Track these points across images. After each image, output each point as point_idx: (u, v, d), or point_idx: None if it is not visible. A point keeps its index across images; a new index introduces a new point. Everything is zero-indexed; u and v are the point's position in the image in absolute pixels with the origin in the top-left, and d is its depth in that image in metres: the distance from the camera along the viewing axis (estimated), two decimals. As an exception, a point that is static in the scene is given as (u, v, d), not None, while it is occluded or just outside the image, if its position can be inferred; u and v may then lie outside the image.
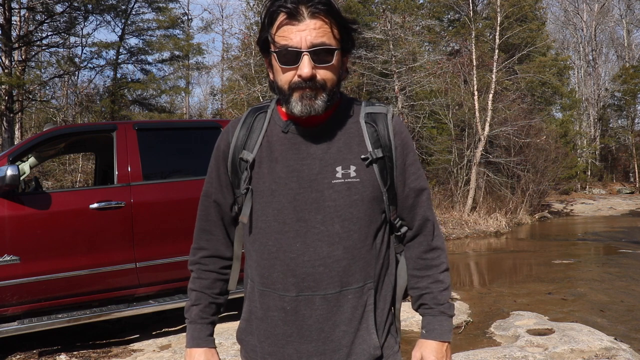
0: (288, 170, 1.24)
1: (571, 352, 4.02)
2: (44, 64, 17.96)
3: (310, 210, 1.21)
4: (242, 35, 20.56)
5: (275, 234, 1.23)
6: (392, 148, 1.27)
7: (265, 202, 1.25)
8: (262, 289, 1.26)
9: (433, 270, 1.33)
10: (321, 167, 1.23)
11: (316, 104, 1.19)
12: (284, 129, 1.27)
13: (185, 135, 5.16)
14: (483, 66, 19.99)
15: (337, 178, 1.22)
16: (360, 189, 1.23)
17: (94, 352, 4.38)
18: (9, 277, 4.03)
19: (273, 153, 1.27)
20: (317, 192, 1.22)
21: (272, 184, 1.24)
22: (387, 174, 1.26)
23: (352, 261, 1.22)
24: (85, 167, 16.91)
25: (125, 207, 4.43)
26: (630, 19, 38.74)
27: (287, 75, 1.20)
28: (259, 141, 1.29)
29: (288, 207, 1.22)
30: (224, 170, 1.33)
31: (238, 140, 1.31)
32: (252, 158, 1.27)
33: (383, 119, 1.29)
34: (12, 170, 3.93)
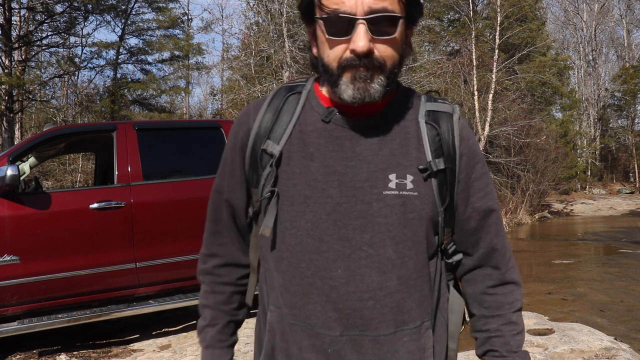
0: (327, 171, 0.97)
1: (571, 352, 4.02)
2: (44, 64, 17.96)
3: (356, 227, 0.95)
4: (242, 35, 20.56)
5: (310, 253, 0.96)
6: (456, 158, 1.01)
7: (296, 211, 0.97)
8: (292, 322, 0.99)
9: (505, 309, 1.05)
10: (370, 173, 0.96)
11: (372, 87, 0.93)
12: (324, 118, 1.00)
13: (185, 135, 5.16)
14: (483, 66, 20.00)
15: (389, 189, 0.96)
16: (419, 205, 0.97)
17: (94, 352, 4.38)
18: (9, 277, 4.03)
19: (307, 147, 0.99)
20: (363, 204, 0.95)
21: (305, 188, 0.97)
22: (447, 189, 1.01)
23: (407, 294, 0.96)
24: (85, 167, 16.91)
25: (125, 207, 4.43)
26: (630, 19, 38.74)
27: (336, 49, 0.93)
28: (288, 130, 1.01)
29: (326, 220, 0.96)
30: (240, 163, 1.06)
31: (262, 127, 1.02)
32: (278, 151, 0.99)
33: (447, 120, 1.02)
34: (12, 170, 3.93)
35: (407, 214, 0.96)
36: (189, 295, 4.63)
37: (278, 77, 16.82)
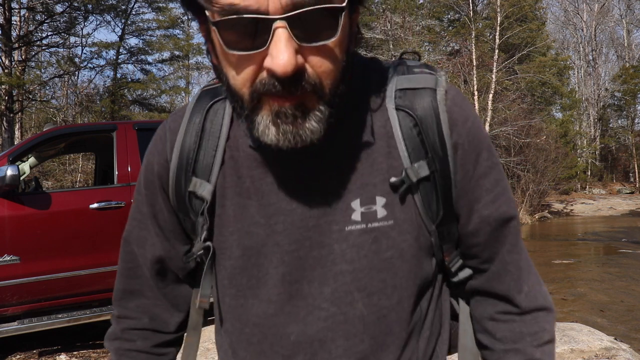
0: (268, 212, 0.72)
1: (571, 352, 4.02)
2: (44, 64, 17.98)
3: (312, 280, 0.71)
4: (242, 35, 20.59)
5: (255, 317, 0.74)
6: (448, 153, 0.71)
7: (233, 267, 0.75)
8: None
9: (524, 342, 0.77)
10: (324, 204, 0.71)
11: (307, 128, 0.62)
12: (252, 143, 0.72)
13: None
14: (483, 66, 20.01)
15: (353, 222, 0.70)
16: (397, 238, 0.71)
17: (94, 352, 4.38)
18: (9, 277, 4.03)
19: (242, 180, 0.73)
20: (320, 249, 0.71)
21: (244, 237, 0.73)
22: (438, 200, 0.73)
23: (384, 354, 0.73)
24: (85, 167, 16.92)
25: (125, 207, 4.43)
26: (630, 19, 38.76)
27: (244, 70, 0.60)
28: (218, 158, 0.74)
29: (273, 275, 0.72)
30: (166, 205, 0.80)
31: (181, 157, 0.75)
32: (210, 192, 0.74)
33: (429, 99, 0.71)
34: (12, 170, 3.93)
35: (382, 254, 0.71)
36: (189, 295, 4.63)
37: (278, 77, 16.81)
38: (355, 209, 0.71)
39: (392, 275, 0.72)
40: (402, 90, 0.72)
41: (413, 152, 0.71)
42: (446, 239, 0.76)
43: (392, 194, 0.71)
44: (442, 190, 0.73)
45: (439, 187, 0.72)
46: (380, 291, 0.72)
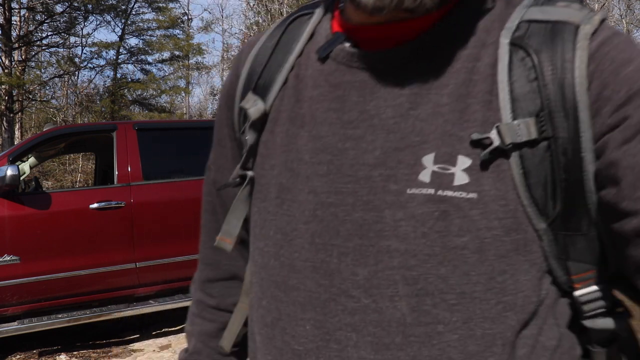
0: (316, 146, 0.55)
1: (571, 352, 4.03)
2: (44, 64, 17.97)
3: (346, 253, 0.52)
4: (242, 35, 20.59)
5: (274, 287, 0.57)
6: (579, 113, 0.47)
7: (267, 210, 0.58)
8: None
9: None
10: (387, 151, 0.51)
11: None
12: (319, 53, 0.58)
13: (185, 135, 5.16)
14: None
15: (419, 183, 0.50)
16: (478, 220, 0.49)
17: (94, 352, 4.38)
18: (9, 277, 4.03)
19: (300, 103, 0.58)
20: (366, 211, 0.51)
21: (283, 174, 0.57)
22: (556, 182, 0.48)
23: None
24: (85, 167, 16.93)
25: (125, 207, 4.43)
26: (630, 19, 38.79)
27: None
28: (282, 75, 0.60)
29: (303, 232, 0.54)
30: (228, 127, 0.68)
31: (251, 70, 0.63)
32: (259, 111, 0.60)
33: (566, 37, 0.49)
34: (12, 170, 3.93)
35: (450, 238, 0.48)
36: (189, 295, 4.61)
37: (278, 77, 16.81)
38: (425, 166, 0.50)
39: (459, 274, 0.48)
40: (528, 22, 0.50)
41: (520, 104, 0.48)
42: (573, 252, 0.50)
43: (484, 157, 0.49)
44: (565, 169, 0.48)
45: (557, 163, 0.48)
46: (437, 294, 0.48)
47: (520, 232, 0.49)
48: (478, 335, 0.49)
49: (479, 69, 0.51)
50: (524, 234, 0.49)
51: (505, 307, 0.49)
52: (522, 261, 0.50)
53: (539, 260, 0.50)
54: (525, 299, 0.50)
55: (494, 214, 0.49)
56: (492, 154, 0.49)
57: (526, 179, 0.49)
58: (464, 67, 0.52)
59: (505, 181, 0.49)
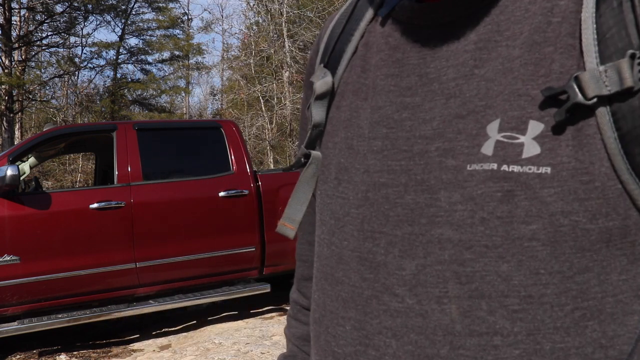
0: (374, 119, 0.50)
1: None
2: (44, 64, 17.98)
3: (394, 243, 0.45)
4: (242, 35, 20.59)
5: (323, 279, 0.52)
6: None
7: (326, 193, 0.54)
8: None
9: None
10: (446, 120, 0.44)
11: None
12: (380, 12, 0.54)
13: (185, 135, 5.16)
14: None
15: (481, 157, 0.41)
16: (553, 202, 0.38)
17: (94, 352, 4.39)
18: (9, 277, 4.03)
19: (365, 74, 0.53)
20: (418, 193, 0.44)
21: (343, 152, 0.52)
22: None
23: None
24: (85, 167, 16.93)
25: (125, 207, 4.43)
26: (630, 19, 38.85)
27: None
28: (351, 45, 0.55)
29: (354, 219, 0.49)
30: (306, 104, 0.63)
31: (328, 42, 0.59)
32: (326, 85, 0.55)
33: None
34: (12, 170, 3.93)
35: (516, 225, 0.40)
36: (189, 295, 4.63)
37: (278, 77, 16.83)
38: (490, 136, 0.41)
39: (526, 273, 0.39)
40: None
41: (609, 44, 0.38)
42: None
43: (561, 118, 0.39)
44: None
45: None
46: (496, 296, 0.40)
47: (614, 217, 0.38)
48: (546, 350, 0.39)
49: (560, 7, 0.41)
50: (620, 219, 0.38)
51: (585, 315, 0.39)
52: (616, 256, 0.39)
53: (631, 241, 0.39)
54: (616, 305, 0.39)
55: (574, 194, 0.38)
56: (571, 113, 0.38)
57: (623, 144, 0.37)
58: (541, 7, 0.42)
59: (590, 149, 0.38)
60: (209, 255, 4.68)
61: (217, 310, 5.45)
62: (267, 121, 17.00)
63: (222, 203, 4.74)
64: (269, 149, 17.45)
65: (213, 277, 4.77)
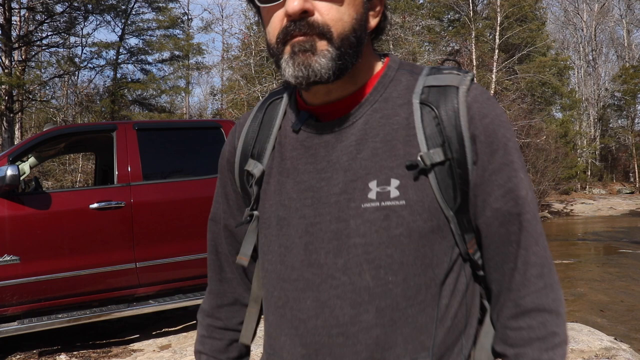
0: (300, 188, 0.84)
1: (571, 352, 4.02)
2: (44, 64, 17.98)
3: (329, 251, 0.80)
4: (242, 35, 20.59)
5: (282, 281, 0.84)
6: (465, 143, 0.77)
7: (271, 234, 0.87)
8: (268, 352, 0.89)
9: (533, 347, 0.77)
10: (346, 183, 0.80)
11: (316, 62, 0.75)
12: (294, 127, 0.86)
13: (185, 135, 5.16)
14: (483, 66, 20.02)
15: (369, 200, 0.78)
16: (407, 217, 0.77)
17: (94, 352, 4.39)
18: (9, 277, 4.03)
19: (284, 162, 0.87)
20: (338, 223, 0.79)
21: (279, 209, 0.85)
22: (456, 187, 0.78)
23: (390, 329, 0.77)
24: (85, 167, 16.93)
25: (125, 207, 4.43)
26: (630, 19, 38.76)
27: (274, 22, 0.78)
28: (270, 144, 0.89)
29: (298, 243, 0.83)
30: (232, 185, 0.95)
31: (245, 144, 0.91)
32: (260, 170, 0.88)
33: (452, 95, 0.79)
34: (12, 170, 3.93)
35: (391, 230, 0.77)
36: (189, 295, 4.64)
37: (278, 77, 16.82)
38: (372, 189, 0.79)
39: (399, 252, 0.78)
40: (428, 87, 0.81)
41: (430, 140, 0.78)
42: (467, 228, 0.81)
43: (407, 177, 0.78)
44: (459, 177, 0.78)
45: (455, 174, 0.78)
46: (387, 266, 0.78)
47: (435, 219, 0.78)
48: (412, 285, 0.78)
49: (398, 121, 0.81)
50: (437, 220, 0.78)
51: (427, 267, 0.79)
52: (436, 237, 0.79)
53: (449, 236, 0.80)
54: (439, 260, 0.80)
55: (417, 212, 0.78)
56: (417, 172, 0.78)
57: (439, 185, 0.78)
58: (388, 122, 0.81)
59: (423, 189, 0.78)
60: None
61: (217, 310, 5.44)
62: (267, 121, 16.98)
63: (222, 203, 4.74)
64: (269, 149, 17.41)
65: (213, 277, 4.77)
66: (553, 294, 0.81)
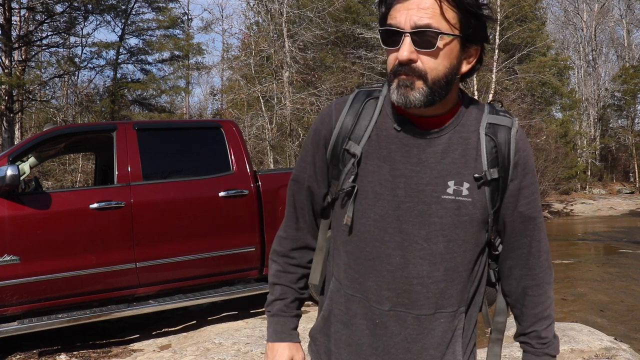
0: (396, 174, 1.12)
1: (571, 352, 4.02)
2: (44, 64, 17.97)
3: (415, 224, 1.11)
4: (242, 35, 20.58)
5: (375, 241, 1.14)
6: (510, 167, 1.13)
7: (368, 204, 1.14)
8: (351, 293, 1.18)
9: (539, 308, 1.20)
10: (432, 178, 1.11)
11: (412, 95, 1.05)
12: (396, 127, 1.14)
13: (185, 135, 5.16)
14: (483, 66, 20.00)
15: (447, 193, 1.11)
16: (471, 210, 1.11)
17: (94, 352, 4.38)
18: (9, 277, 4.03)
19: (382, 150, 1.14)
20: (423, 205, 1.11)
21: (377, 186, 1.13)
22: (498, 195, 1.14)
23: (450, 284, 1.13)
24: (85, 167, 16.92)
25: (125, 207, 4.43)
26: (630, 19, 38.74)
27: (391, 57, 1.08)
28: (367, 133, 1.16)
29: (392, 215, 1.12)
30: (322, 158, 1.22)
31: (343, 128, 1.17)
32: (359, 152, 1.15)
33: (506, 132, 1.14)
34: (12, 170, 3.93)
35: (461, 217, 1.11)
36: (189, 295, 4.63)
37: (278, 77, 16.81)
38: (450, 186, 1.11)
39: (464, 232, 1.12)
40: (490, 124, 1.15)
41: (490, 162, 1.13)
42: (495, 221, 1.17)
43: (474, 183, 1.12)
44: (502, 188, 1.15)
45: (500, 186, 1.14)
46: (454, 240, 1.12)
47: (485, 213, 1.14)
48: (467, 256, 1.14)
49: (470, 143, 1.14)
50: (485, 215, 1.14)
51: (476, 245, 1.15)
52: (483, 226, 1.15)
53: (487, 226, 1.16)
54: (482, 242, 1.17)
55: (477, 207, 1.13)
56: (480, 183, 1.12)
57: (491, 193, 1.14)
58: (464, 142, 1.14)
59: (482, 193, 1.13)
60: (209, 255, 4.68)
61: (217, 310, 5.45)
62: (267, 121, 16.99)
63: (222, 203, 4.75)
64: (269, 149, 17.44)
65: (213, 277, 4.77)
66: (551, 272, 1.23)
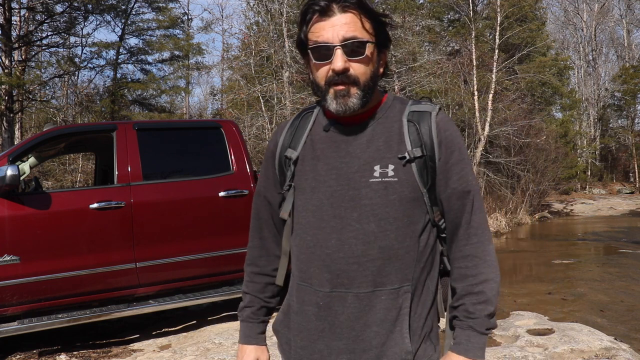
0: (328, 167, 1.26)
1: (571, 352, 4.02)
2: (44, 64, 17.96)
3: (347, 208, 1.22)
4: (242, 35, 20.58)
5: (313, 229, 1.25)
6: (435, 146, 1.23)
7: (305, 198, 1.28)
8: (299, 282, 1.29)
9: (468, 281, 1.22)
10: (359, 166, 1.23)
11: (350, 101, 1.20)
12: (324, 128, 1.30)
13: (185, 135, 5.16)
14: (483, 66, 20.01)
15: (374, 177, 1.21)
16: (398, 188, 1.20)
17: (94, 352, 4.38)
18: (9, 277, 4.03)
19: (315, 151, 1.30)
20: (354, 190, 1.22)
21: (312, 181, 1.27)
22: (428, 174, 1.23)
23: (387, 261, 1.20)
24: (85, 167, 16.91)
25: (125, 207, 4.43)
26: (630, 19, 38.74)
27: (322, 71, 1.22)
28: (303, 139, 1.33)
29: (326, 203, 1.24)
30: (273, 169, 1.39)
31: (285, 140, 1.36)
32: (295, 156, 1.31)
33: (427, 117, 1.25)
34: (12, 170, 3.93)
35: (389, 196, 1.20)
36: (189, 295, 4.64)
37: (278, 77, 16.81)
38: (376, 170, 1.23)
39: (393, 210, 1.21)
40: (412, 111, 1.28)
41: (413, 142, 1.23)
42: (434, 202, 1.26)
43: (399, 164, 1.22)
44: (430, 167, 1.24)
45: (428, 165, 1.23)
46: (385, 218, 1.21)
47: (416, 192, 1.23)
48: (401, 233, 1.21)
49: (394, 130, 1.26)
50: (416, 193, 1.23)
51: (410, 222, 1.23)
52: (416, 204, 1.23)
53: (423, 205, 1.24)
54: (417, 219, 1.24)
55: (404, 185, 1.21)
56: (405, 162, 1.22)
57: (418, 171, 1.22)
58: (387, 130, 1.27)
59: (408, 172, 1.22)
60: (209, 255, 4.68)
61: (217, 310, 5.45)
62: (267, 121, 16.99)
63: (222, 203, 4.75)
64: (269, 149, 17.37)
65: (213, 277, 4.77)
66: (482, 246, 1.25)
